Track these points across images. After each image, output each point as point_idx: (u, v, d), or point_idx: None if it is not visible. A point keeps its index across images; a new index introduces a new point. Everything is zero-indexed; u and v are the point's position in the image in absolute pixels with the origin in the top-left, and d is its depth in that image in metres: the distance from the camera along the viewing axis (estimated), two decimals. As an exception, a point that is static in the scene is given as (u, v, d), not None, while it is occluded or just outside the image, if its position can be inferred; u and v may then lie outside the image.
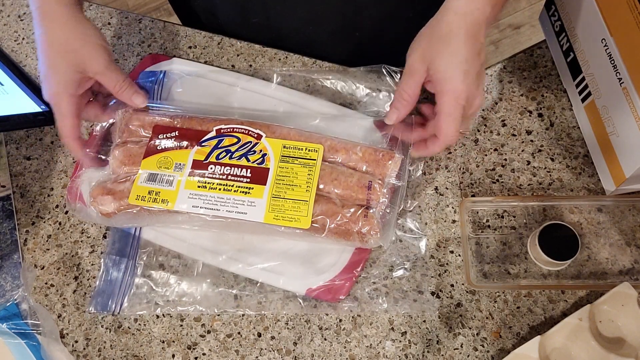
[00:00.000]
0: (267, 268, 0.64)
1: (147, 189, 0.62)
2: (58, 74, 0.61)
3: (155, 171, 0.63)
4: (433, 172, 0.69)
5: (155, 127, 0.65)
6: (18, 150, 0.74)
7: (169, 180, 0.62)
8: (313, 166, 0.63)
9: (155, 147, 0.64)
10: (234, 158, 0.63)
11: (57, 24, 0.61)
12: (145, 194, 0.62)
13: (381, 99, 0.72)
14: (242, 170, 0.62)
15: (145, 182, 0.62)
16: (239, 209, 0.61)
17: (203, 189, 0.62)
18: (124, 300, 0.65)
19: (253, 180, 0.62)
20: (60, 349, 0.64)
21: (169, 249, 0.66)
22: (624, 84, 0.59)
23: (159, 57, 0.77)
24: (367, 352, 0.62)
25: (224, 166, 0.63)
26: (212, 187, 0.62)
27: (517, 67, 0.74)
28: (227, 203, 0.61)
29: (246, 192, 0.62)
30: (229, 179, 0.62)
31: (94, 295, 0.65)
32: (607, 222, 0.66)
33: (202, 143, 0.64)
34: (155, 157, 0.63)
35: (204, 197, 0.62)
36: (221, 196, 0.61)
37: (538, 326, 0.62)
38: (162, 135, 0.65)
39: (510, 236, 0.66)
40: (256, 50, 0.77)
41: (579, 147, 0.69)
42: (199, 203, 0.61)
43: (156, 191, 0.62)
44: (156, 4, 1.93)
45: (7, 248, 0.69)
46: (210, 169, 0.63)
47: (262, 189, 0.62)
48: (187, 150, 0.64)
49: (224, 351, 0.63)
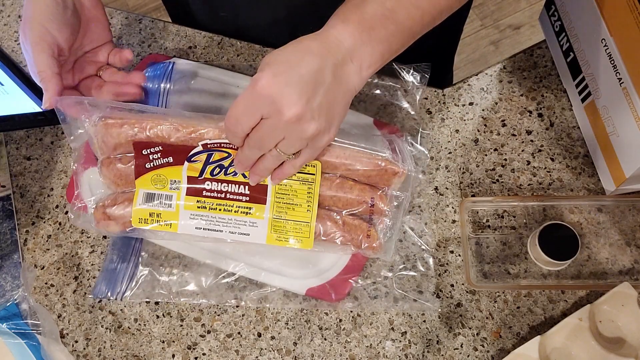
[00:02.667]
0: (267, 268, 0.64)
1: (148, 211, 0.60)
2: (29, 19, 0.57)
3: (152, 190, 0.61)
4: (433, 172, 0.69)
5: (135, 144, 0.61)
6: (18, 150, 0.74)
7: (167, 201, 0.60)
8: (312, 183, 0.60)
9: (144, 165, 0.61)
10: (229, 174, 0.61)
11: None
12: (147, 216, 0.61)
13: (381, 98, 0.72)
14: (240, 187, 0.60)
15: (143, 203, 0.60)
16: (241, 229, 0.60)
17: (203, 209, 0.60)
18: (127, 289, 0.65)
19: (252, 199, 0.60)
20: (60, 349, 0.64)
21: (169, 249, 0.66)
22: (624, 84, 0.59)
23: (159, 57, 0.77)
24: (367, 352, 0.62)
25: (220, 183, 0.60)
26: (211, 208, 0.60)
27: (517, 67, 0.74)
28: (229, 223, 0.60)
29: (247, 212, 0.60)
30: (228, 198, 0.60)
31: (97, 282, 0.65)
32: (607, 222, 0.66)
33: (191, 159, 0.61)
34: (148, 176, 0.61)
35: (205, 217, 0.60)
36: (222, 217, 0.60)
37: (538, 326, 0.62)
38: (145, 151, 0.61)
39: (510, 236, 0.66)
40: (256, 50, 0.77)
41: (579, 147, 0.69)
42: (201, 224, 0.60)
43: (157, 213, 0.61)
44: (156, 4, 1.93)
45: (7, 248, 0.69)
46: (207, 185, 0.60)
47: (263, 208, 0.60)
48: (179, 166, 0.61)
49: (224, 351, 0.63)
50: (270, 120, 0.51)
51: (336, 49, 0.51)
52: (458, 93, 0.73)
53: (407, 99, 0.72)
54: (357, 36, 0.52)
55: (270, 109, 0.50)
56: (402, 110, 0.72)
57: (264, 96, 0.50)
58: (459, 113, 0.72)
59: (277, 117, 0.50)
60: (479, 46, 1.84)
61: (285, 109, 0.49)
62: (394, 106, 0.72)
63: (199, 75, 0.75)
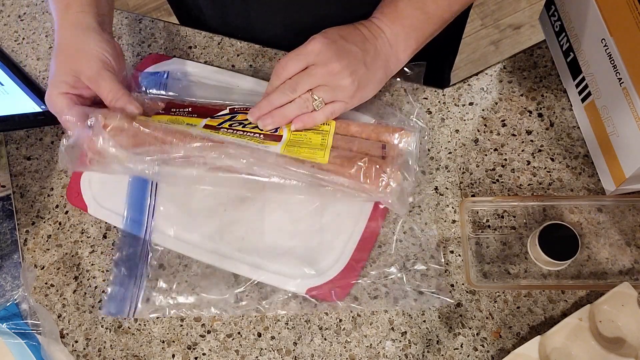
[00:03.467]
0: (267, 268, 0.64)
1: (166, 117, 0.65)
2: (54, 76, 0.62)
3: (167, 123, 0.63)
4: (433, 172, 0.69)
5: (168, 103, 0.68)
6: (18, 150, 0.74)
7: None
8: (327, 133, 0.64)
9: (168, 110, 0.66)
10: (247, 127, 0.64)
11: (65, 32, 0.62)
12: (163, 119, 0.64)
13: (381, 99, 0.72)
14: (256, 134, 0.64)
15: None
16: (257, 146, 0.62)
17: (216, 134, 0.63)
18: (138, 304, 0.64)
19: (267, 138, 0.63)
20: (60, 349, 0.64)
21: (169, 249, 0.66)
22: (624, 84, 0.59)
23: (159, 57, 0.77)
24: (367, 352, 0.62)
25: (236, 130, 0.64)
26: (225, 135, 0.63)
27: (517, 67, 0.74)
28: (243, 141, 0.62)
29: (261, 142, 0.63)
30: (243, 135, 0.63)
31: (107, 300, 0.65)
32: (607, 222, 0.66)
33: (214, 116, 0.66)
34: (165, 117, 0.66)
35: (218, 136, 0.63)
36: (238, 140, 0.62)
37: (538, 326, 0.62)
38: (174, 109, 0.67)
39: (510, 236, 0.66)
40: (256, 50, 0.77)
41: (579, 147, 0.69)
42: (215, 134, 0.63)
43: (173, 119, 0.64)
44: (156, 4, 1.93)
45: (7, 248, 0.69)
46: (222, 131, 0.64)
47: (276, 143, 0.63)
48: (200, 118, 0.65)
49: (224, 351, 0.63)
50: (314, 68, 0.61)
51: (378, 35, 0.64)
52: (458, 93, 0.73)
53: (407, 99, 0.72)
54: (392, 26, 0.65)
55: (316, 59, 0.61)
56: (402, 110, 0.72)
57: (314, 50, 0.61)
58: (459, 113, 0.72)
59: (321, 67, 0.61)
60: (479, 46, 1.84)
61: (330, 61, 0.60)
62: (394, 106, 0.72)
63: (198, 75, 0.75)
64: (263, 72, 0.75)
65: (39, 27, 0.82)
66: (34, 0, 0.84)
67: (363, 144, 0.64)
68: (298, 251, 0.65)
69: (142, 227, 0.66)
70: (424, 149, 0.70)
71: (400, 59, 0.66)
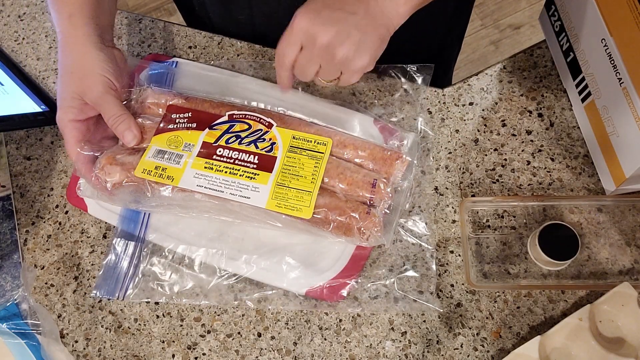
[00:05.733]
0: (267, 268, 0.64)
1: (155, 164, 0.63)
2: (62, 99, 0.63)
3: (164, 148, 0.64)
4: (433, 172, 0.69)
5: (169, 107, 0.67)
6: (18, 150, 0.74)
7: (176, 159, 0.63)
8: (320, 159, 0.63)
9: (167, 125, 0.66)
10: (243, 144, 0.64)
11: (69, 50, 0.63)
12: (152, 168, 0.63)
13: (381, 98, 0.72)
14: (250, 157, 0.63)
15: (153, 157, 0.63)
16: (243, 192, 0.61)
17: (209, 170, 0.62)
18: (129, 287, 0.65)
19: (260, 167, 0.63)
20: (60, 349, 0.64)
21: (169, 248, 0.66)
22: (624, 84, 0.59)
23: (159, 57, 0.77)
24: (367, 352, 0.62)
25: (232, 150, 0.63)
26: (218, 170, 0.62)
27: (517, 67, 0.74)
28: (231, 186, 0.62)
29: (251, 177, 0.62)
30: (236, 164, 0.63)
31: (98, 280, 0.65)
32: (607, 222, 0.66)
33: (213, 126, 0.65)
34: (165, 135, 0.65)
35: (209, 178, 0.62)
36: (226, 179, 0.62)
37: (538, 326, 0.62)
38: (175, 115, 0.66)
39: (510, 236, 0.66)
40: (256, 50, 0.77)
41: (579, 147, 0.69)
42: (203, 183, 0.62)
43: (163, 167, 0.63)
44: (156, 4, 1.93)
45: (7, 248, 0.69)
46: (219, 152, 0.63)
47: (268, 176, 0.62)
48: (198, 132, 0.65)
49: (224, 351, 0.63)
50: (307, 49, 0.58)
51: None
52: (458, 93, 0.73)
53: (408, 99, 0.72)
54: None
55: (305, 38, 0.57)
56: (402, 111, 0.72)
57: (300, 29, 0.57)
58: (459, 113, 0.72)
59: (311, 45, 0.57)
60: (479, 46, 1.84)
61: (317, 36, 0.57)
62: (394, 106, 0.72)
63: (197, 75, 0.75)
64: (263, 72, 0.75)
65: (39, 27, 0.82)
66: (34, 0, 0.84)
67: (354, 178, 0.63)
68: (298, 251, 0.65)
69: (137, 225, 0.67)
70: (425, 149, 0.70)
71: (400, 12, 0.61)
